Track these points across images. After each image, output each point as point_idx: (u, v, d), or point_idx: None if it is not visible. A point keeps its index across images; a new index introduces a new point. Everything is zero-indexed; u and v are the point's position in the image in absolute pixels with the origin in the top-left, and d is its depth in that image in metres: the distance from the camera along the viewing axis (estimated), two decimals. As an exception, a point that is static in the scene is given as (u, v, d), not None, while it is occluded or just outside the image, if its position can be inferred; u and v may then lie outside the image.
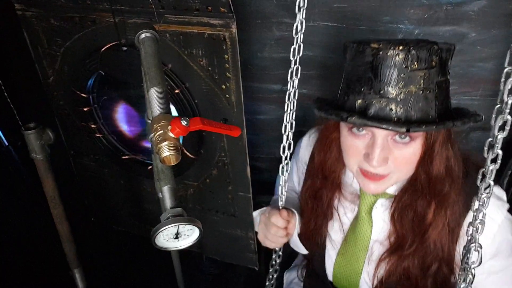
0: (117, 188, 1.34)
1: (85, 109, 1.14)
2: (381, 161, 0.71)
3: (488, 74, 1.13)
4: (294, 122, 0.88)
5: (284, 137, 0.88)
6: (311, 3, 0.75)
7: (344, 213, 0.92)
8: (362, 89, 0.68)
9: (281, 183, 0.93)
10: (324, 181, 0.91)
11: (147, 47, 0.76)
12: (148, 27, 0.78)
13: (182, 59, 0.95)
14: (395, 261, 0.84)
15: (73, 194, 1.35)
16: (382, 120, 0.66)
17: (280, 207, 0.96)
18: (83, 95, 1.12)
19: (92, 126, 1.17)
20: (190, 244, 0.79)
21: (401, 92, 0.66)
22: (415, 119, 0.67)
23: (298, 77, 0.81)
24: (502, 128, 0.58)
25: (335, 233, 0.95)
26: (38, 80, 1.19)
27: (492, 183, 0.62)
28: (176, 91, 0.98)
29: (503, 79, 0.57)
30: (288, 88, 0.81)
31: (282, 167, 0.93)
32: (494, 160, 0.61)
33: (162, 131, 0.65)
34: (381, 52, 0.66)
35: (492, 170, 0.61)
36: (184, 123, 0.65)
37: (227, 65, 0.91)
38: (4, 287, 1.43)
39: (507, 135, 0.60)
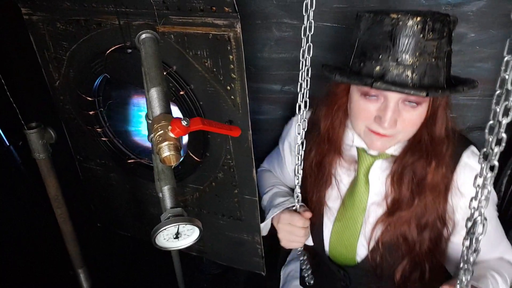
0: (123, 193, 1.33)
1: (90, 112, 1.14)
2: (392, 123, 0.77)
3: (487, 74, 1.14)
4: (306, 121, 0.87)
5: (298, 138, 0.88)
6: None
7: (340, 179, 0.96)
8: (380, 56, 0.73)
9: (295, 182, 0.93)
10: (328, 147, 0.94)
11: (148, 48, 0.76)
12: (149, 27, 0.78)
13: (186, 60, 0.95)
14: (393, 221, 0.88)
15: (77, 197, 1.35)
16: (400, 85, 0.71)
17: (298, 208, 0.96)
18: (89, 98, 1.12)
19: (97, 129, 1.17)
20: (190, 244, 0.79)
21: (417, 60, 0.71)
22: (427, 85, 0.73)
23: (309, 76, 0.81)
24: (506, 113, 0.59)
25: (333, 201, 0.97)
26: (39, 81, 1.19)
27: (497, 163, 0.65)
28: (181, 93, 0.98)
29: (503, 67, 0.59)
30: (299, 90, 0.82)
31: (297, 165, 0.92)
32: (498, 143, 0.62)
33: (162, 131, 0.66)
34: (400, 22, 0.70)
35: (497, 152, 0.63)
36: (184, 123, 0.66)
37: (232, 66, 0.91)
38: (5, 287, 1.43)
39: (508, 135, 0.61)
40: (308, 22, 0.74)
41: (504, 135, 0.61)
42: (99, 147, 1.23)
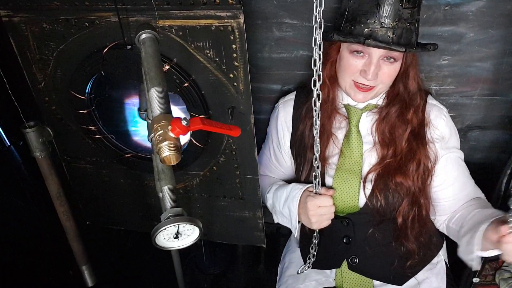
0: (116, 188, 1.33)
1: (84, 111, 1.12)
2: (374, 75, 0.94)
3: (486, 73, 1.14)
4: (319, 126, 0.92)
5: (316, 138, 0.93)
6: (310, 3, 0.76)
7: (336, 137, 1.08)
8: (368, 20, 0.90)
9: (314, 172, 0.98)
10: (325, 105, 1.04)
11: (148, 48, 0.77)
12: (148, 27, 0.78)
13: (188, 52, 0.95)
14: (383, 166, 1.02)
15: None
16: (384, 43, 0.89)
17: (320, 191, 1.02)
18: (82, 97, 1.10)
19: (91, 127, 1.16)
20: (190, 243, 0.79)
21: (396, 24, 0.90)
22: (403, 44, 0.91)
23: (321, 82, 0.87)
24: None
25: (331, 157, 1.08)
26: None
27: None
28: (185, 85, 0.98)
29: None
30: (314, 96, 0.88)
31: (315, 163, 0.97)
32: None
33: (162, 131, 0.66)
34: None
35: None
36: (184, 123, 0.66)
37: (235, 55, 0.92)
38: (5, 286, 1.43)
39: (508, 135, 0.61)
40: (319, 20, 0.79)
41: None
42: (92, 145, 1.21)
